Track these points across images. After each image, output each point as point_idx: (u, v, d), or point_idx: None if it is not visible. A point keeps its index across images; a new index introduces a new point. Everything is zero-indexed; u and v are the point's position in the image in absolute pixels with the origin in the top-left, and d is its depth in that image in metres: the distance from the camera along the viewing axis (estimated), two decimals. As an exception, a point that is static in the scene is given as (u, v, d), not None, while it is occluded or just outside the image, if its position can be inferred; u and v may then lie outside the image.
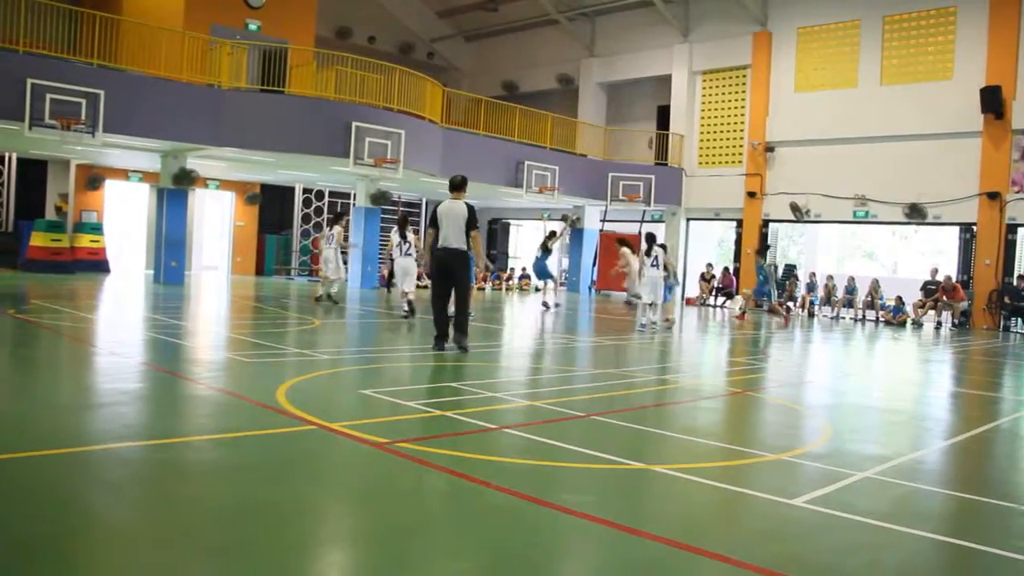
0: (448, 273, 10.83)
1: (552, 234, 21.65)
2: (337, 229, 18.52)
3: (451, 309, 11.10)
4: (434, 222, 10.83)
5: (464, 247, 10.68)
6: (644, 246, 16.73)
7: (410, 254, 15.90)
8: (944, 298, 22.24)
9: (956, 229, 23.31)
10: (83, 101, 17.37)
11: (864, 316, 23.97)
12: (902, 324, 22.69)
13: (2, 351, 9.69)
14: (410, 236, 16.14)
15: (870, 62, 24.28)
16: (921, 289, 23.15)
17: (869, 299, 23.88)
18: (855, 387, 10.73)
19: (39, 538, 3.67)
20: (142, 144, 19.90)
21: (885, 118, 23.73)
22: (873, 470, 5.68)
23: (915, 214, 23.25)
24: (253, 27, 24.10)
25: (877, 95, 24.07)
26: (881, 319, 23.39)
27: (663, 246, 17.02)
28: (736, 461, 5.91)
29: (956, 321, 22.33)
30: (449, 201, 10.83)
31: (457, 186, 10.96)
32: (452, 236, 10.62)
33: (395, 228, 16.46)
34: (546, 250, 20.80)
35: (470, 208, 10.74)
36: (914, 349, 16.94)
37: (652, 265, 16.30)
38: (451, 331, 11.02)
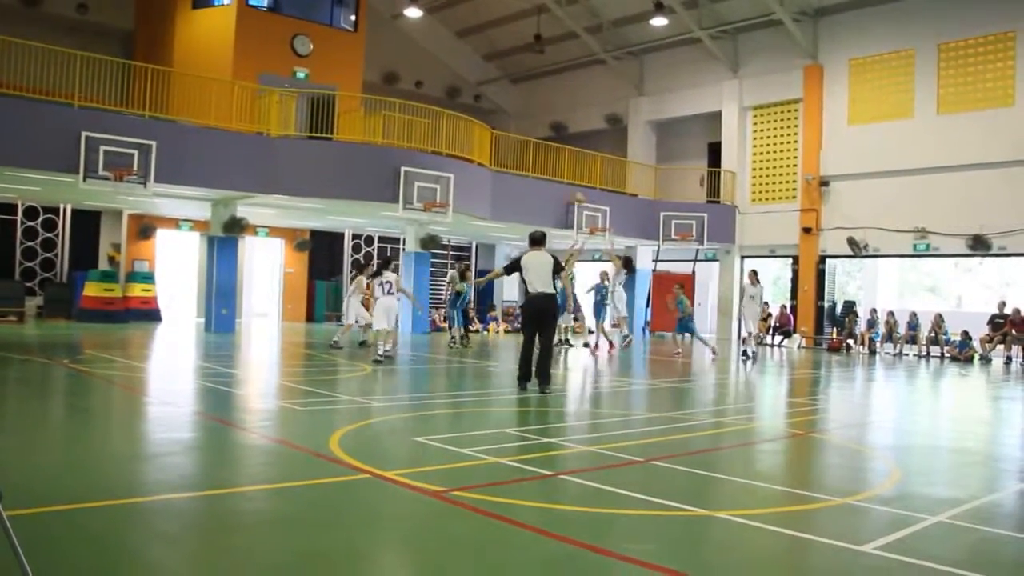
0: (538, 316, 11.25)
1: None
2: (360, 279, 18.57)
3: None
4: (514, 268, 11.41)
5: (552, 291, 11.16)
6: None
7: (392, 293, 15.72)
8: (1013, 332, 21.51)
9: (1023, 260, 22.57)
10: (135, 152, 17.53)
11: (928, 352, 23.24)
12: (969, 360, 21.95)
13: (57, 401, 9.79)
14: (391, 276, 16.04)
15: (926, 91, 23.80)
16: (988, 323, 22.39)
17: (933, 335, 23.16)
18: (923, 427, 10.28)
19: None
20: (192, 193, 20.09)
21: (944, 148, 23.17)
22: (946, 514, 5.39)
23: (979, 246, 22.57)
24: (301, 75, 24.36)
25: (935, 125, 23.55)
26: (947, 355, 22.66)
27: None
28: (801, 506, 5.67)
29: (1027, 356, 21.55)
30: (532, 253, 11.32)
31: (538, 240, 11.48)
32: (539, 282, 11.09)
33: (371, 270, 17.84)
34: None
35: (554, 257, 11.33)
36: (983, 385, 16.35)
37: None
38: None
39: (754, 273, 19.82)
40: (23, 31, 18.27)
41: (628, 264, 18.05)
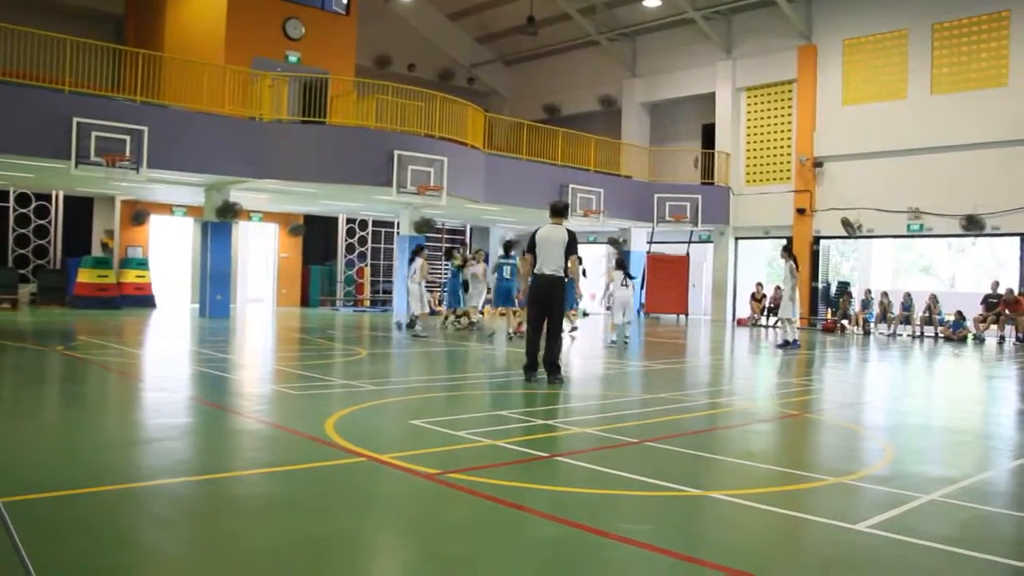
0: (544, 300, 10.45)
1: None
2: (419, 262, 18.44)
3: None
4: (532, 247, 10.47)
5: (562, 273, 10.33)
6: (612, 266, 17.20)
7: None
8: (1006, 311, 21.57)
9: (1017, 240, 22.64)
10: (127, 138, 17.48)
11: (923, 332, 23.30)
12: (963, 340, 22.02)
13: (52, 387, 9.75)
14: (415, 264, 18.36)
15: (920, 72, 23.78)
16: (982, 303, 22.45)
17: (927, 315, 23.22)
18: (916, 406, 10.30)
19: (96, 574, 3.68)
20: (185, 178, 20.02)
21: (938, 128, 23.19)
22: (939, 492, 5.41)
23: (972, 226, 22.62)
24: (293, 59, 24.23)
25: (928, 105, 23.55)
26: (940, 335, 22.73)
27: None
28: (795, 485, 5.69)
29: (1020, 335, 21.59)
30: (549, 226, 10.51)
31: (559, 211, 10.68)
32: (550, 262, 10.29)
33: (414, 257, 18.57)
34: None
35: (571, 233, 10.40)
36: (977, 365, 16.39)
37: (622, 284, 16.52)
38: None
39: (785, 248, 17.78)
40: (13, 16, 18.13)
41: (621, 264, 17.29)
